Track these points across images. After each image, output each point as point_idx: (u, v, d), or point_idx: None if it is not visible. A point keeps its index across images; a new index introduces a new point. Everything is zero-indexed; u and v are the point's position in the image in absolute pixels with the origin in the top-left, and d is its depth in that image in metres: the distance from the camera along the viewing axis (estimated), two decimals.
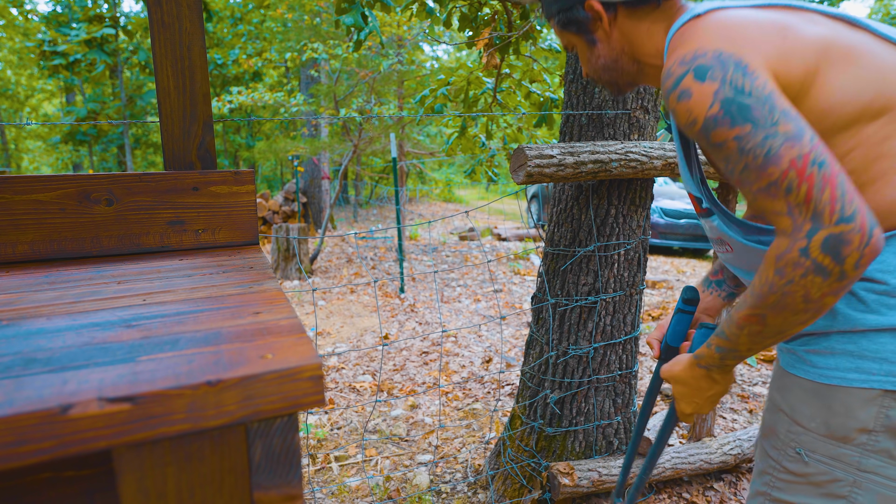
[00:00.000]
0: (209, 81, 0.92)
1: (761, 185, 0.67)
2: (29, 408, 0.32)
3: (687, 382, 0.85)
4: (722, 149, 0.69)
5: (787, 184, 0.64)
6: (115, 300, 0.56)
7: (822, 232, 0.63)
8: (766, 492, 0.85)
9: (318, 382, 0.39)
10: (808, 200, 0.63)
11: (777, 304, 0.67)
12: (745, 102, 0.66)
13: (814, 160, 0.63)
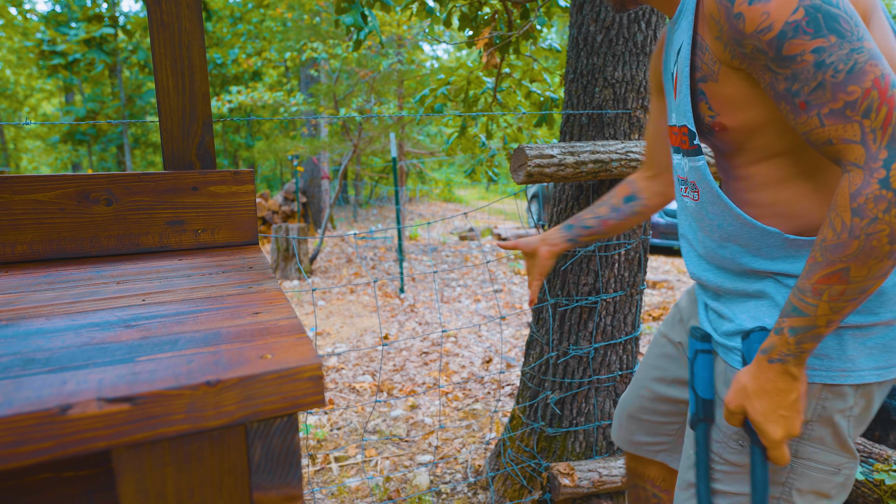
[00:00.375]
0: (209, 81, 0.92)
1: (836, 105, 0.61)
2: (28, 408, 0.32)
3: (766, 390, 0.72)
4: (793, 63, 0.63)
5: (868, 104, 0.60)
6: (115, 300, 0.56)
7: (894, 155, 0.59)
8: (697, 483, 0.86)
9: (318, 383, 0.39)
10: (888, 125, 0.59)
11: (861, 250, 0.61)
12: (833, 12, 0.60)
13: (891, 82, 0.59)
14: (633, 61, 1.66)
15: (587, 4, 1.70)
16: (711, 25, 0.70)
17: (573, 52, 1.75)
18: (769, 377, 0.72)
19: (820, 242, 0.66)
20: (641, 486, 1.20)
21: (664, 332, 1.08)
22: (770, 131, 0.73)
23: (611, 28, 1.66)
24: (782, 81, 0.65)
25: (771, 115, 0.72)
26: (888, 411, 1.91)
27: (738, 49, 0.68)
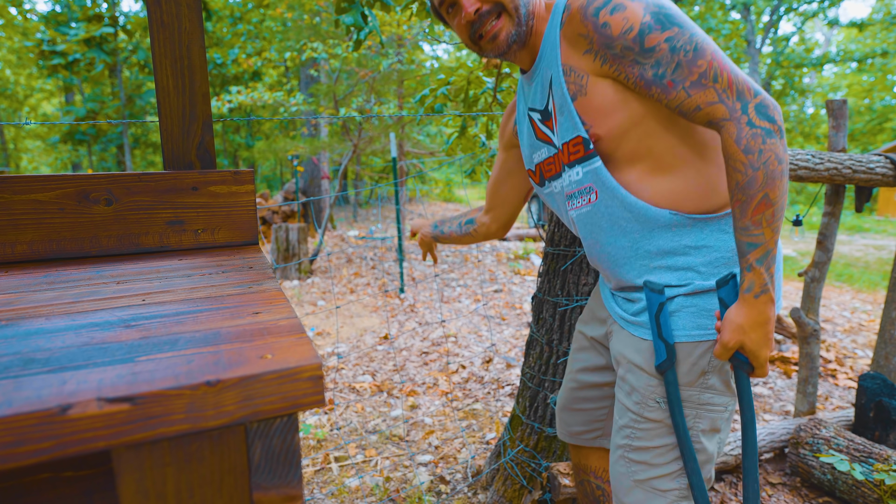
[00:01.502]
0: (208, 81, 0.91)
1: (693, 78, 0.79)
2: (28, 408, 0.32)
3: (758, 322, 0.83)
4: (654, 52, 0.81)
5: (714, 72, 0.79)
6: (115, 300, 0.56)
7: (750, 105, 0.78)
8: (628, 444, 0.99)
9: (318, 383, 0.39)
10: (731, 84, 0.79)
11: (767, 176, 0.78)
12: (670, 11, 0.81)
13: (722, 54, 0.80)
14: None
15: None
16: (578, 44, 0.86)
17: None
18: (760, 310, 0.83)
19: (734, 187, 0.80)
20: (586, 479, 1.29)
21: (580, 328, 1.23)
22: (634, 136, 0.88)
23: None
24: (650, 69, 0.81)
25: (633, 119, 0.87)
26: (888, 411, 1.90)
27: (609, 52, 0.83)
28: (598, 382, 1.18)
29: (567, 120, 0.92)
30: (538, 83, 0.97)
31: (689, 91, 0.80)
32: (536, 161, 1.05)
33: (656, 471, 0.96)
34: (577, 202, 0.98)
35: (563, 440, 1.31)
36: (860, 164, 1.91)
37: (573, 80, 0.89)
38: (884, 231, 11.62)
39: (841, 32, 27.48)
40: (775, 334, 3.59)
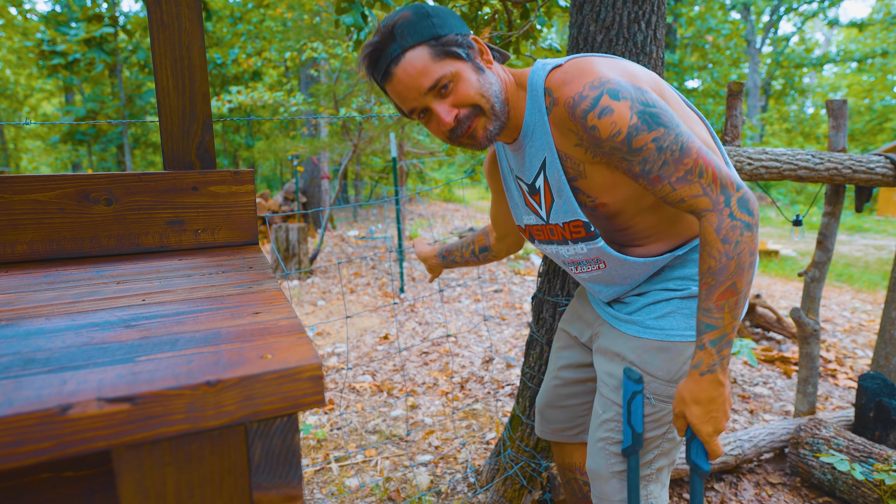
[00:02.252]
0: (208, 81, 0.91)
1: (679, 174, 0.84)
2: (28, 408, 0.32)
3: (699, 399, 0.89)
4: (642, 151, 0.83)
5: (700, 169, 0.84)
6: (115, 300, 0.56)
7: (733, 199, 0.84)
8: (610, 437, 1.05)
9: (318, 382, 0.39)
10: (715, 178, 0.84)
11: (738, 267, 0.84)
12: (654, 112, 0.83)
13: (707, 151, 0.85)
14: (633, 61, 1.66)
15: (587, 4, 1.70)
16: (570, 137, 0.89)
17: (573, 52, 1.75)
18: (702, 387, 0.88)
19: (706, 270, 0.86)
20: (572, 477, 1.32)
21: (564, 327, 1.28)
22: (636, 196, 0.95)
23: (611, 28, 1.65)
24: (637, 165, 0.85)
25: (633, 188, 0.93)
26: (888, 411, 1.90)
27: (599, 150, 0.87)
28: (582, 378, 1.24)
29: (565, 203, 0.97)
30: (527, 159, 0.98)
31: (675, 185, 0.85)
32: (525, 223, 1.10)
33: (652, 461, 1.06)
34: (587, 268, 1.06)
35: (546, 439, 1.35)
36: (860, 164, 1.91)
37: (570, 165, 0.93)
38: (884, 231, 11.62)
39: (841, 32, 27.47)
40: (775, 334, 3.59)
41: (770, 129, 25.27)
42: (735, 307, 0.85)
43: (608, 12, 1.65)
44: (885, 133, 22.46)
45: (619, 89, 0.82)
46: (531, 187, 1.01)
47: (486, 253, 1.38)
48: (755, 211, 0.84)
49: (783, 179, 1.81)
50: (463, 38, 0.88)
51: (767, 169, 1.74)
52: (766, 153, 1.76)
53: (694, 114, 0.99)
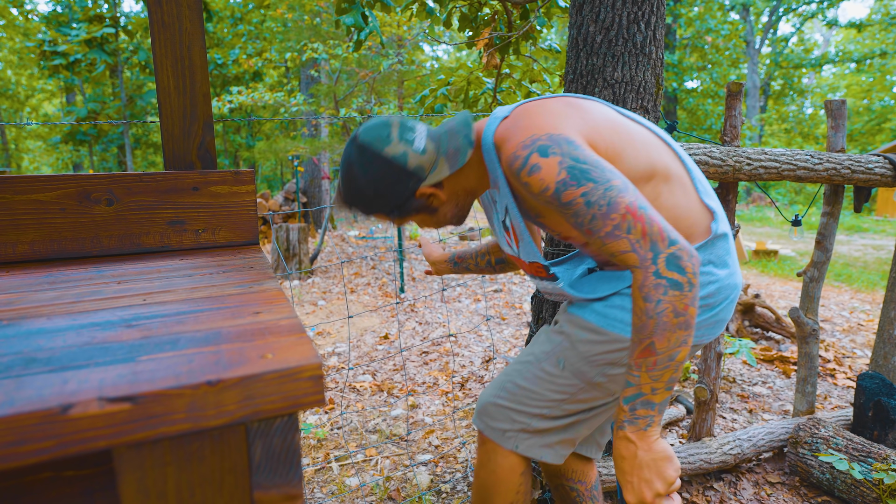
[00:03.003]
0: (209, 81, 0.92)
1: (608, 229, 0.83)
2: (29, 407, 0.32)
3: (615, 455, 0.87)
4: (572, 206, 0.84)
5: (627, 224, 0.81)
6: (116, 300, 0.56)
7: (661, 255, 0.80)
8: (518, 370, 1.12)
9: (318, 382, 0.39)
10: (644, 234, 0.81)
11: (657, 326, 0.80)
12: (584, 167, 0.83)
13: (640, 205, 0.82)
14: (633, 62, 1.66)
15: (587, 5, 1.70)
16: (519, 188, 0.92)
17: (573, 52, 1.76)
18: (616, 443, 0.87)
19: (633, 327, 0.84)
20: (560, 483, 1.31)
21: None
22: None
23: (610, 29, 1.66)
24: (570, 218, 0.86)
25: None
26: (887, 410, 1.91)
27: (536, 201, 0.89)
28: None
29: (526, 246, 1.05)
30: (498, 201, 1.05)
31: (605, 240, 0.84)
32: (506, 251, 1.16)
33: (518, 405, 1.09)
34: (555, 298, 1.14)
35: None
36: (859, 165, 1.91)
37: (530, 207, 1.01)
38: (882, 231, 11.62)
39: (840, 33, 27.46)
40: (774, 334, 3.59)
41: (769, 130, 25.26)
42: (653, 368, 0.81)
43: (608, 13, 1.66)
44: (884, 133, 22.45)
45: (549, 145, 0.85)
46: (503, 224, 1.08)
47: (502, 264, 1.38)
48: (688, 268, 0.79)
49: (782, 179, 1.81)
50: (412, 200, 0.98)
51: (766, 169, 1.74)
52: (765, 153, 1.76)
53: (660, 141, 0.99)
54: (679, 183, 0.94)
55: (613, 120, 0.95)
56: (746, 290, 3.69)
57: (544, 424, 1.08)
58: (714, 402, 1.91)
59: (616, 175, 0.84)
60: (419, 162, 0.96)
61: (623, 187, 0.83)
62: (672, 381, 0.83)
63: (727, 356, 3.07)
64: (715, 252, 0.96)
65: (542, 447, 1.09)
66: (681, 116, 22.35)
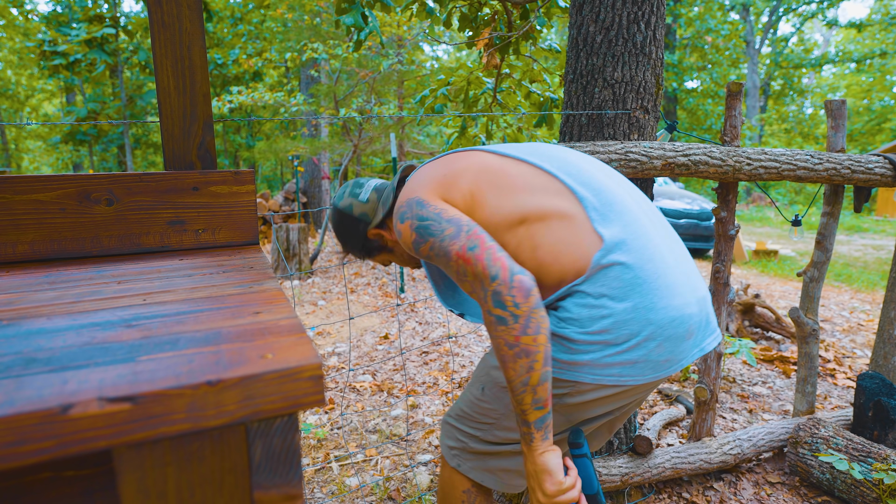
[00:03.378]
0: (209, 81, 0.92)
1: (454, 275, 0.91)
2: (29, 407, 0.32)
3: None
4: (430, 259, 0.94)
5: (461, 268, 0.88)
6: (116, 300, 0.56)
7: (488, 293, 0.85)
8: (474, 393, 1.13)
9: (318, 382, 0.39)
10: (475, 275, 0.86)
11: (501, 359, 0.86)
12: (426, 224, 0.93)
13: (469, 248, 0.87)
14: (633, 62, 1.66)
15: (587, 5, 1.70)
16: None
17: (573, 52, 1.76)
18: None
19: None
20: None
21: None
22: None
23: (610, 29, 1.66)
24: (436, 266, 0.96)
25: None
26: (887, 410, 1.91)
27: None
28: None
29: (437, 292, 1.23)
30: None
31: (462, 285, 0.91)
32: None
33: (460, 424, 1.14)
34: None
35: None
36: (859, 165, 1.91)
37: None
38: (882, 231, 11.62)
39: (840, 33, 27.47)
40: (774, 334, 3.59)
41: (769, 130, 25.26)
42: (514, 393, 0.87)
43: (608, 13, 1.66)
44: (884, 133, 22.45)
45: (405, 211, 0.97)
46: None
47: None
48: (507, 302, 0.82)
49: (782, 179, 1.81)
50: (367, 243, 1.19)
51: (766, 169, 1.74)
52: (765, 153, 1.76)
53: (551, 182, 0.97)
54: (560, 219, 0.92)
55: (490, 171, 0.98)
56: (746, 290, 3.69)
57: (481, 447, 1.10)
58: (714, 402, 1.91)
59: (452, 223, 0.91)
60: (363, 209, 1.18)
61: (454, 234, 0.89)
62: (537, 401, 0.86)
63: (727, 356, 3.07)
64: (607, 283, 0.90)
65: (483, 471, 1.11)
66: (681, 116, 22.35)
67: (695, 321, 0.94)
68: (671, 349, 0.92)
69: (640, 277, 0.90)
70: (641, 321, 0.90)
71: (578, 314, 0.91)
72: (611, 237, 0.92)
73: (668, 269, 0.93)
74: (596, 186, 0.97)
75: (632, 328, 0.89)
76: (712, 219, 7.30)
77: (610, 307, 0.90)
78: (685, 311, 0.92)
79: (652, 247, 0.93)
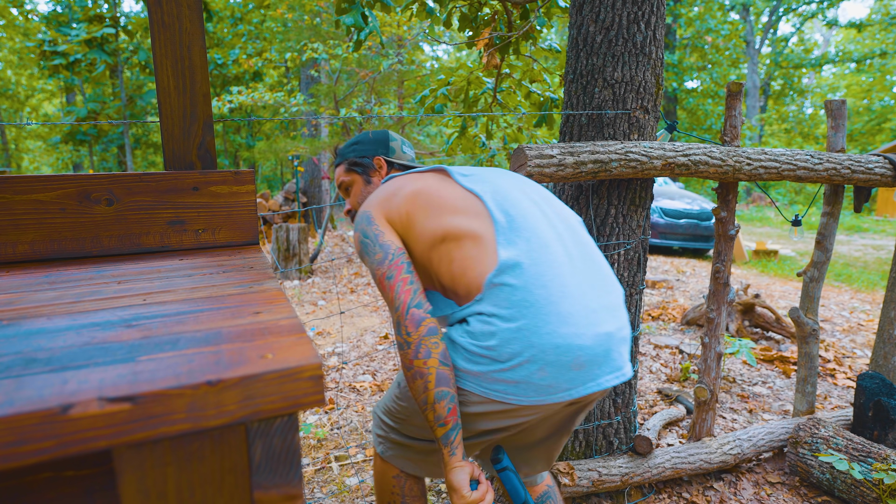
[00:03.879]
0: (209, 81, 0.92)
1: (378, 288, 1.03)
2: (29, 407, 0.32)
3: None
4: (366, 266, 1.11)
5: (379, 289, 1.04)
6: (116, 300, 0.56)
7: (393, 320, 1.00)
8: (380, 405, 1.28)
9: (318, 382, 0.39)
10: (388, 300, 1.01)
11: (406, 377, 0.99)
12: (365, 242, 1.08)
13: (387, 276, 1.02)
14: (633, 62, 1.66)
15: (587, 5, 1.70)
16: None
17: (573, 52, 1.76)
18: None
19: None
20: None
21: None
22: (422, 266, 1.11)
23: (610, 29, 1.66)
24: None
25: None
26: (886, 410, 1.91)
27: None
28: None
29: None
30: None
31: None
32: None
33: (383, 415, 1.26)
34: None
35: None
36: (859, 165, 1.91)
37: None
38: (882, 231, 11.62)
39: (840, 33, 27.47)
40: (774, 334, 3.59)
41: (769, 130, 25.27)
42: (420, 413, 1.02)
43: (608, 13, 1.66)
44: (884, 133, 22.46)
45: (359, 221, 1.11)
46: None
47: None
48: (403, 332, 0.97)
49: (782, 179, 1.81)
50: (368, 158, 1.34)
51: (766, 169, 1.74)
52: (765, 153, 1.76)
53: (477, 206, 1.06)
54: (472, 239, 1.00)
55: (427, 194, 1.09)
56: (746, 290, 3.69)
57: (400, 439, 1.21)
58: (714, 402, 1.91)
59: (382, 249, 1.05)
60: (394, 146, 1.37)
61: (381, 260, 1.04)
62: (438, 418, 0.95)
63: (727, 356, 3.07)
64: (497, 303, 0.95)
65: (405, 459, 1.22)
66: (681, 116, 22.35)
67: (586, 353, 0.94)
68: (554, 376, 0.93)
69: (527, 301, 0.94)
70: (524, 342, 0.93)
71: (474, 328, 0.98)
72: (507, 258, 0.96)
73: (564, 298, 0.95)
74: (513, 212, 1.04)
75: (514, 348, 0.93)
76: (712, 219, 7.30)
77: (497, 325, 0.94)
78: (574, 341, 0.93)
79: (551, 273, 0.96)
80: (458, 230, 1.03)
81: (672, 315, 4.06)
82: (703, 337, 1.91)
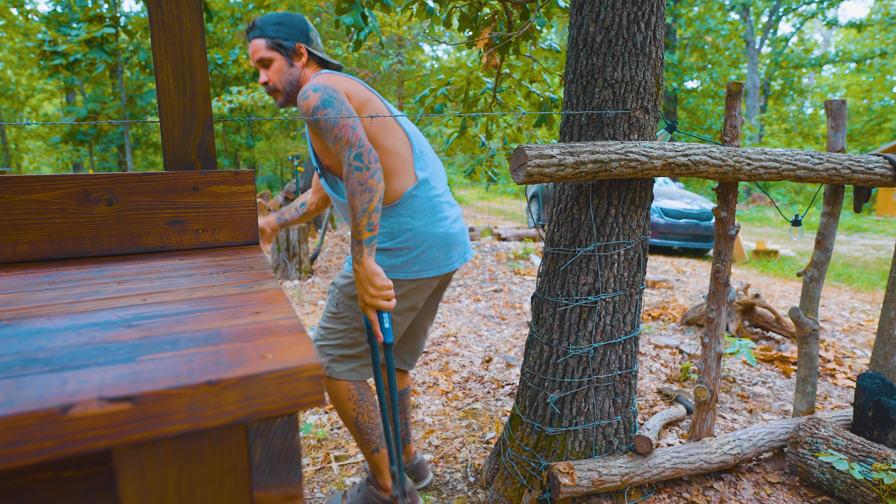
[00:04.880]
0: (209, 81, 0.92)
1: (331, 136, 1.35)
2: (29, 407, 0.32)
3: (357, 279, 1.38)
4: (320, 122, 1.35)
5: (340, 134, 1.33)
6: (116, 300, 0.56)
7: (352, 153, 1.33)
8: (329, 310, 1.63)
9: (318, 382, 0.39)
10: (349, 141, 1.33)
11: (350, 192, 1.33)
12: (331, 100, 1.36)
13: (352, 126, 1.33)
14: (633, 62, 1.66)
15: (587, 5, 1.70)
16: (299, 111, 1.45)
17: (573, 52, 1.76)
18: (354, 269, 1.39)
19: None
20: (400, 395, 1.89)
21: None
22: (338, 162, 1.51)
23: (610, 28, 1.66)
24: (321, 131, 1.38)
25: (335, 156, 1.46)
26: (887, 410, 1.91)
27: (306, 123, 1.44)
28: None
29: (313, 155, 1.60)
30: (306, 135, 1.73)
31: (333, 146, 1.36)
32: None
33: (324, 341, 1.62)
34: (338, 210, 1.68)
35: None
36: (859, 165, 1.91)
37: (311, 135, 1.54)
38: (882, 231, 11.62)
39: (840, 33, 27.48)
40: (774, 334, 3.59)
41: (769, 130, 25.27)
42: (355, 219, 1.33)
43: (608, 13, 1.66)
44: (884, 133, 22.45)
45: (318, 86, 1.37)
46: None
47: (304, 207, 1.86)
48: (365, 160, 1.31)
49: (782, 179, 1.81)
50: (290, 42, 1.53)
51: (766, 169, 1.74)
52: (765, 153, 1.76)
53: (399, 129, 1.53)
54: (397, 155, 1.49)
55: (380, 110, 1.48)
56: (746, 290, 3.69)
57: (345, 352, 1.58)
58: (714, 402, 1.91)
59: (347, 110, 1.35)
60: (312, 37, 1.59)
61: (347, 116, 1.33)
62: (370, 225, 1.33)
63: (727, 356, 3.07)
64: (408, 208, 1.49)
65: (349, 371, 1.59)
66: (681, 116, 22.35)
67: (459, 238, 1.59)
68: (446, 254, 1.55)
69: (428, 206, 1.52)
70: (427, 234, 1.51)
71: (391, 227, 1.50)
72: (422, 178, 1.51)
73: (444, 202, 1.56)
74: (421, 148, 1.57)
75: (421, 238, 1.50)
76: (712, 219, 7.31)
77: (409, 223, 1.50)
78: (451, 229, 1.56)
79: (440, 187, 1.57)
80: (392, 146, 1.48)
81: (672, 315, 4.07)
82: (703, 337, 1.91)
